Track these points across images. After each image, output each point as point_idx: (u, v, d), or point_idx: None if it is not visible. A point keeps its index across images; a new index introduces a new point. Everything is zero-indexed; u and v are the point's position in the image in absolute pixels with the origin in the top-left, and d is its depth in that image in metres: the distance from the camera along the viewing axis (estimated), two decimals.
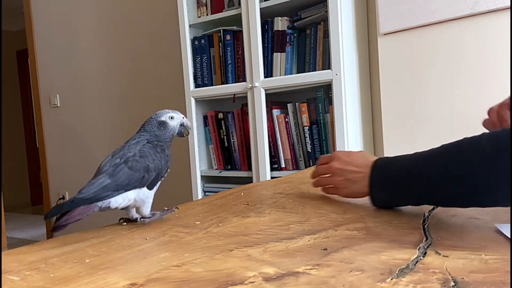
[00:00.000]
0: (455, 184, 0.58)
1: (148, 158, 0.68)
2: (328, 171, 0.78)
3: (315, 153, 1.90)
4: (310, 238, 0.55)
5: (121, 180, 0.64)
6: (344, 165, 0.75)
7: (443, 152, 0.61)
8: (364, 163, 0.72)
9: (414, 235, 0.55)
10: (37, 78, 3.43)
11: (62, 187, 3.34)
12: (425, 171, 0.62)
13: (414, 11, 1.70)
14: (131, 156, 0.67)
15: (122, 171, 0.65)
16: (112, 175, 0.64)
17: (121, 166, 0.65)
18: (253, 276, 0.42)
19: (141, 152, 0.68)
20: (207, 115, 2.22)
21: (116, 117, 2.99)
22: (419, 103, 1.71)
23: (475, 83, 1.60)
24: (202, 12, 2.16)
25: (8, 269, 0.48)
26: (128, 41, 2.88)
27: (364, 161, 0.73)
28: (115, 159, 0.67)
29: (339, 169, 0.76)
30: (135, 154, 0.67)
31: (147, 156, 0.68)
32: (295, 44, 1.94)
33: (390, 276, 0.41)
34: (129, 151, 0.68)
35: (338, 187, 0.77)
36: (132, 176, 0.65)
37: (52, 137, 3.43)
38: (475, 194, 0.56)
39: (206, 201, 0.88)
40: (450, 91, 1.67)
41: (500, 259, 0.44)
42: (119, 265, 0.48)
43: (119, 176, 0.64)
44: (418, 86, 1.74)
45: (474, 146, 0.56)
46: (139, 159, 0.67)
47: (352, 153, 0.77)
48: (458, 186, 0.58)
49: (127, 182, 0.65)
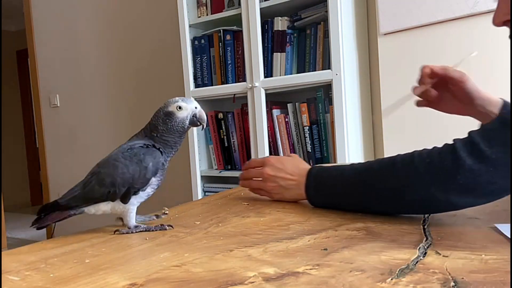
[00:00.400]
0: (387, 197, 0.63)
1: (117, 172, 0.62)
2: (261, 176, 0.81)
3: (315, 153, 1.90)
4: (310, 238, 0.55)
5: (88, 193, 0.62)
6: (277, 172, 0.78)
7: (375, 167, 0.65)
8: (296, 171, 0.76)
9: (414, 235, 0.55)
10: (37, 78, 3.43)
11: (62, 187, 3.33)
12: (357, 181, 0.67)
13: (414, 11, 1.70)
14: (104, 167, 0.63)
15: (91, 184, 0.62)
16: (83, 187, 0.63)
17: (92, 178, 0.63)
18: (253, 276, 0.42)
19: (113, 164, 0.63)
20: (207, 115, 2.21)
21: (116, 117, 2.99)
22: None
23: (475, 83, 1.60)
24: (202, 12, 2.16)
25: (8, 269, 0.48)
26: (128, 41, 2.88)
27: (295, 168, 0.77)
28: (96, 166, 0.65)
29: (272, 175, 0.79)
30: (108, 165, 0.63)
31: (117, 169, 0.62)
32: (295, 44, 1.94)
33: (390, 276, 0.41)
34: (106, 160, 0.64)
35: (270, 192, 0.80)
36: (97, 191, 0.62)
37: (52, 137, 3.43)
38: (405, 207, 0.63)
39: (206, 201, 0.88)
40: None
41: (500, 259, 0.44)
42: (119, 265, 0.48)
43: (86, 189, 0.62)
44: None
45: (406, 164, 0.60)
46: (108, 171, 0.62)
47: (284, 160, 0.80)
48: (390, 199, 0.63)
49: (91, 195, 0.62)
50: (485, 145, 0.55)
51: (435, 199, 0.58)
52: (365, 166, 0.67)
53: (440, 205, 0.60)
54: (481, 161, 0.54)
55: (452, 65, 0.78)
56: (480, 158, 0.54)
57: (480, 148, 0.55)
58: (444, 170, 0.56)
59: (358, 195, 0.67)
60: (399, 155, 0.63)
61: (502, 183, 0.54)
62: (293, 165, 0.78)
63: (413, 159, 0.60)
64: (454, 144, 0.58)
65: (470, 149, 0.56)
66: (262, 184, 0.81)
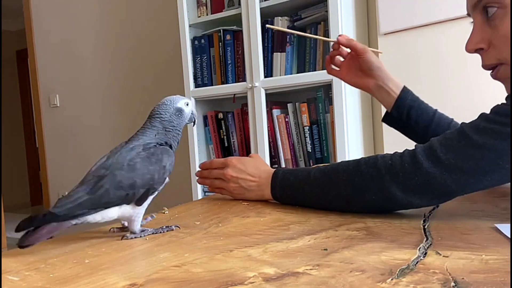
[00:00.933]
0: (352, 196, 0.66)
1: (137, 173, 0.58)
2: (223, 177, 0.83)
3: (315, 153, 1.90)
4: (310, 238, 0.55)
5: (99, 197, 0.55)
6: (238, 174, 0.81)
7: (340, 169, 0.69)
8: (257, 173, 0.80)
9: (414, 235, 0.55)
10: (36, 78, 3.43)
11: (62, 187, 3.33)
12: (324, 182, 0.70)
13: (414, 11, 1.70)
14: (118, 169, 0.57)
15: (103, 187, 0.56)
16: (92, 191, 0.55)
17: (103, 181, 0.56)
18: (253, 276, 0.42)
19: (130, 165, 0.58)
20: (207, 115, 2.22)
21: (116, 117, 2.99)
22: None
23: (475, 83, 1.60)
24: (202, 12, 2.16)
25: (8, 269, 0.48)
26: (128, 41, 2.88)
27: (256, 170, 0.80)
28: (101, 169, 0.58)
29: (234, 177, 0.81)
30: (123, 167, 0.57)
31: (136, 170, 0.58)
32: (295, 44, 1.94)
33: (391, 277, 0.41)
34: (118, 161, 0.58)
35: (232, 192, 0.83)
36: (114, 194, 0.56)
37: (52, 137, 3.43)
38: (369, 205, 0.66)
39: (206, 201, 0.88)
40: (450, 91, 1.67)
41: (500, 259, 0.44)
42: (119, 265, 0.48)
43: (99, 193, 0.55)
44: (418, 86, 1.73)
45: (370, 165, 0.65)
46: (126, 173, 0.57)
47: (245, 161, 0.82)
48: (354, 197, 0.66)
49: (107, 200, 0.56)
50: (441, 151, 0.60)
51: (395, 198, 0.63)
52: (331, 167, 0.70)
53: (399, 203, 0.64)
54: (436, 165, 0.60)
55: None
56: (435, 162, 0.60)
57: (436, 153, 0.60)
58: (404, 171, 0.62)
59: (324, 195, 0.70)
60: (363, 158, 0.68)
61: (454, 186, 0.60)
62: (254, 166, 0.81)
63: (377, 161, 0.65)
64: (415, 149, 0.63)
65: (428, 154, 0.61)
66: (224, 184, 0.83)
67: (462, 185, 0.59)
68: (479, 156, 0.58)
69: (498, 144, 0.57)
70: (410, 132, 0.92)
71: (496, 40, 0.62)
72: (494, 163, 0.57)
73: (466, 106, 1.62)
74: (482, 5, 0.63)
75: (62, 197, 0.56)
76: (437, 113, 0.89)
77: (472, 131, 0.59)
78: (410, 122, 0.89)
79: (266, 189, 0.78)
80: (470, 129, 0.60)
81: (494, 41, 0.63)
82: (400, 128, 0.93)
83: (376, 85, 0.90)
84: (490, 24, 0.62)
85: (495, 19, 0.61)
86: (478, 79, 1.60)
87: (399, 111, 0.90)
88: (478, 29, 0.64)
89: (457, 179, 0.59)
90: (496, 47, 0.63)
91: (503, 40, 0.61)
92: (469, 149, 0.58)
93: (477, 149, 0.58)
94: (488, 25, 0.63)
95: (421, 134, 0.88)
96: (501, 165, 0.57)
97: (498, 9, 0.61)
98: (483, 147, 0.57)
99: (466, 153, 0.58)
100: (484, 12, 0.63)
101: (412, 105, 0.89)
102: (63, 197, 0.56)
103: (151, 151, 0.60)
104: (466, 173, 0.58)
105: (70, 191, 0.57)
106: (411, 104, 0.89)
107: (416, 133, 0.90)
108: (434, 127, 0.87)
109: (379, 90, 0.91)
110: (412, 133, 0.91)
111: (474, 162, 0.58)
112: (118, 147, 0.62)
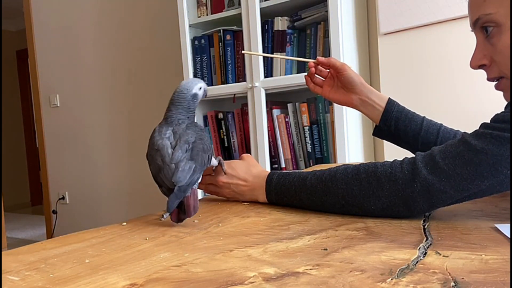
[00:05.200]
0: (350, 205, 0.67)
1: (204, 140, 0.72)
2: (215, 183, 0.84)
3: (315, 153, 1.90)
4: (310, 238, 0.56)
5: (201, 162, 0.68)
6: (229, 179, 0.82)
7: (338, 176, 0.69)
8: (249, 177, 0.81)
9: (414, 235, 0.55)
10: (37, 78, 3.43)
11: (62, 187, 3.33)
12: (320, 189, 0.70)
13: (414, 11, 1.70)
14: (198, 139, 0.70)
15: (199, 154, 0.68)
16: (195, 160, 0.67)
17: (196, 150, 0.68)
18: (253, 276, 0.42)
19: (197, 135, 0.71)
20: (207, 115, 2.22)
21: (116, 117, 2.99)
22: (419, 103, 1.71)
23: (475, 83, 1.60)
24: (202, 12, 2.16)
25: (8, 269, 0.48)
26: (128, 41, 2.88)
27: (248, 174, 0.81)
28: (183, 144, 0.68)
29: (226, 183, 0.83)
30: (196, 138, 0.70)
31: (203, 138, 0.72)
32: (295, 44, 1.94)
33: (390, 276, 0.41)
34: (188, 136, 0.70)
35: (226, 196, 0.85)
36: (207, 158, 0.70)
37: (52, 137, 3.42)
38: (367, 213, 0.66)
39: (206, 201, 0.88)
40: (450, 91, 1.67)
41: (500, 259, 0.44)
42: (119, 265, 0.48)
43: (199, 161, 0.68)
44: (418, 86, 1.74)
45: (369, 174, 0.66)
46: (201, 141, 0.70)
47: (236, 165, 0.83)
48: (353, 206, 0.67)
49: (203, 164, 0.69)
50: (440, 157, 0.61)
51: (394, 205, 0.64)
52: (328, 174, 0.70)
53: (398, 211, 0.64)
54: (435, 172, 0.61)
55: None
56: (434, 169, 0.61)
57: (435, 159, 0.61)
58: (404, 178, 0.62)
59: (321, 204, 0.70)
60: (362, 165, 0.68)
61: (452, 192, 0.60)
62: (244, 170, 0.82)
63: (376, 169, 0.65)
64: (415, 156, 0.64)
65: (427, 161, 0.62)
66: (217, 190, 0.85)
67: (461, 191, 0.60)
68: (477, 161, 0.58)
69: (496, 149, 0.57)
70: (402, 142, 0.91)
71: (496, 57, 0.65)
72: (492, 168, 0.57)
73: (466, 106, 1.62)
74: (479, 25, 0.66)
75: (170, 176, 0.65)
76: (425, 120, 0.89)
77: (471, 137, 0.60)
78: (399, 133, 0.89)
79: (260, 194, 0.79)
80: (470, 136, 0.61)
81: (494, 57, 0.66)
82: (392, 140, 0.93)
83: (360, 100, 0.91)
84: (490, 41, 0.65)
85: (493, 37, 0.64)
86: (478, 79, 1.60)
87: (386, 124, 0.90)
88: (480, 46, 0.68)
89: (456, 185, 0.59)
90: (497, 63, 0.66)
91: (502, 56, 0.64)
92: (467, 154, 0.59)
93: (475, 154, 0.58)
94: (488, 42, 0.66)
95: (412, 143, 0.89)
96: (500, 170, 0.57)
97: (494, 27, 0.64)
98: (481, 151, 0.58)
99: (464, 158, 0.59)
100: (484, 31, 0.66)
101: (399, 116, 0.89)
102: (171, 175, 0.65)
103: (199, 127, 0.74)
104: (464, 179, 0.59)
105: (168, 177, 0.65)
106: (397, 115, 0.89)
107: (408, 142, 0.90)
108: (423, 134, 0.87)
109: (364, 104, 0.91)
110: (404, 143, 0.91)
111: (472, 167, 0.58)
112: (164, 127, 0.71)
